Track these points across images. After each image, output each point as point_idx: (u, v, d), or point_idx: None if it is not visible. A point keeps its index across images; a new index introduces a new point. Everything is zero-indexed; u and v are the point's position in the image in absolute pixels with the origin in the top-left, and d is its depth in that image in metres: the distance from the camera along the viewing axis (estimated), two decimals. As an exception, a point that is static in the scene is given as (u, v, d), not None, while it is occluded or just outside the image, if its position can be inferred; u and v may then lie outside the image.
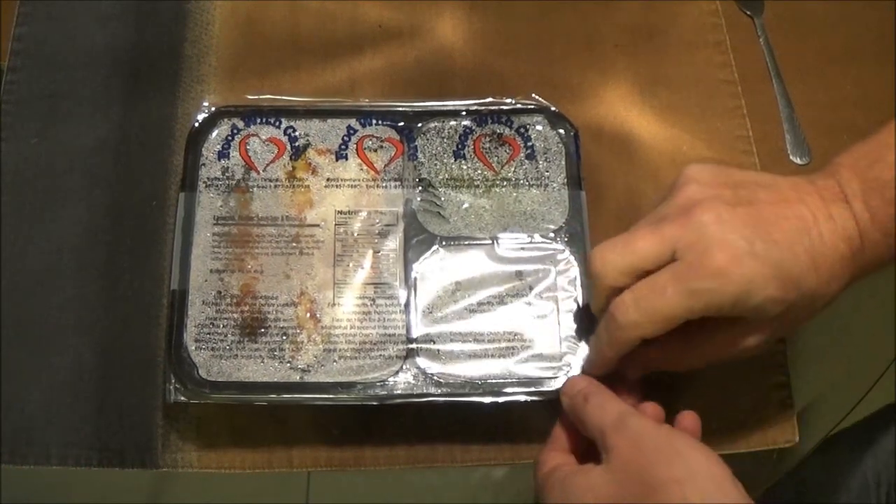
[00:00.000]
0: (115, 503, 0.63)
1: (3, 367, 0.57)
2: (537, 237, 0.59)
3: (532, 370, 0.55)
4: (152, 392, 0.57)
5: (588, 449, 0.51)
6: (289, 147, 0.61)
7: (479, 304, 0.57)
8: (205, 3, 0.68)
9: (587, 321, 0.56)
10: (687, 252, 0.46)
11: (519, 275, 0.58)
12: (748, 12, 0.71)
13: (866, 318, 0.65)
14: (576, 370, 0.55)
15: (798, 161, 0.65)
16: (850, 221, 0.47)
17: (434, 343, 0.56)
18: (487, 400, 0.55)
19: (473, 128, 0.62)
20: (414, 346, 0.56)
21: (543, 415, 0.55)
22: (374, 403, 0.55)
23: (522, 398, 0.55)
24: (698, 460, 0.44)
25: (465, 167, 0.61)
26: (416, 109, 0.63)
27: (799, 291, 0.46)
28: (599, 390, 0.50)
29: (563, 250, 0.59)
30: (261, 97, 0.64)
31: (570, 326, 0.56)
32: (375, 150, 0.61)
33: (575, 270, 0.58)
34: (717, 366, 0.59)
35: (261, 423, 0.57)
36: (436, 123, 0.62)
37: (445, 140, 0.62)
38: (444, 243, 0.59)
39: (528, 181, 0.61)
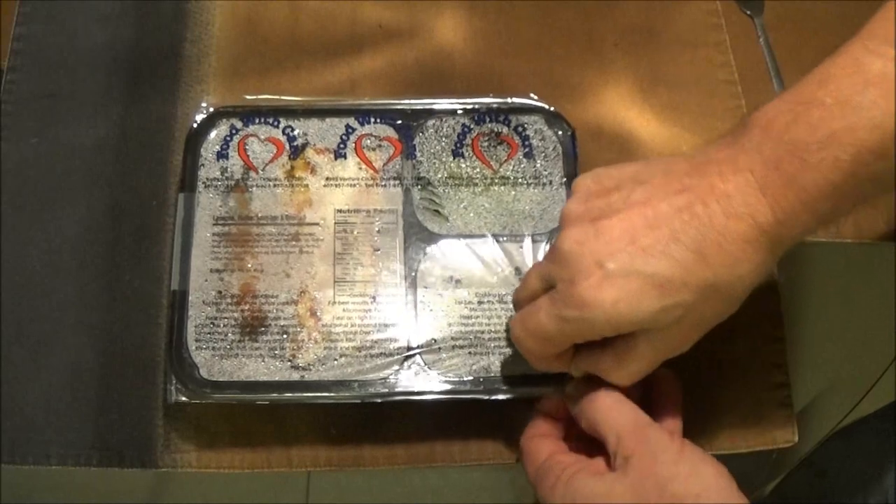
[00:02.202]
0: (115, 503, 0.64)
1: (3, 367, 0.57)
2: (536, 236, 0.59)
3: (532, 367, 0.55)
4: (152, 392, 0.58)
5: (574, 434, 0.52)
6: (287, 146, 0.61)
7: (479, 301, 0.57)
8: (205, 2, 0.68)
9: None
10: (558, 282, 0.47)
11: (518, 273, 0.58)
12: (748, 12, 0.71)
13: (866, 318, 0.65)
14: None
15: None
16: (752, 196, 0.43)
17: (434, 341, 0.56)
18: (488, 397, 0.55)
19: (472, 126, 0.62)
20: (414, 343, 0.56)
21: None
22: (377, 401, 0.55)
23: (523, 395, 0.55)
24: (710, 474, 0.45)
25: (463, 165, 0.61)
26: (415, 108, 0.63)
27: (693, 289, 0.44)
28: (612, 390, 0.50)
29: None
30: (259, 97, 0.64)
31: None
32: (374, 149, 0.61)
33: None
34: (715, 366, 0.59)
35: (260, 422, 0.57)
36: (434, 122, 0.62)
37: (444, 138, 0.62)
38: (443, 241, 0.59)
39: (526, 180, 0.61)
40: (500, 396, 0.55)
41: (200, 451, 0.57)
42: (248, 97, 0.64)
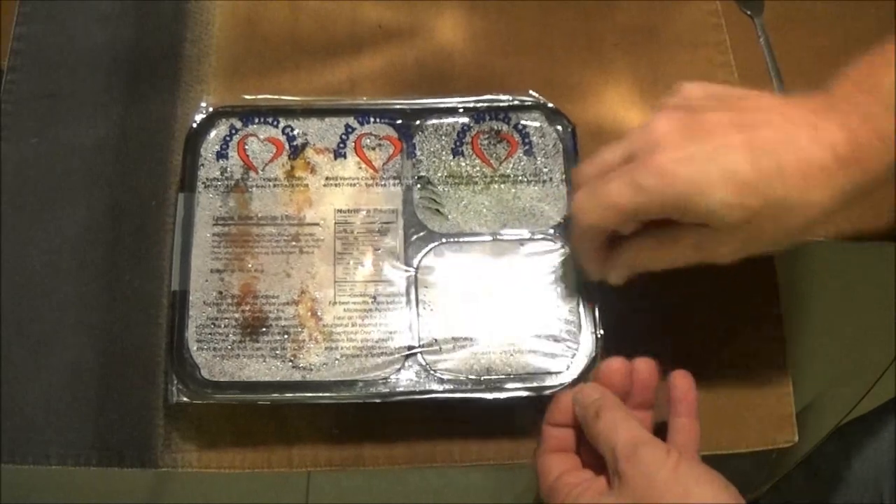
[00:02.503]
0: (115, 503, 0.64)
1: (3, 367, 0.57)
2: (536, 233, 0.59)
3: (533, 365, 0.55)
4: (152, 392, 0.58)
5: (586, 443, 0.51)
6: (287, 146, 0.61)
7: (480, 300, 0.57)
8: (205, 2, 0.68)
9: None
10: (638, 153, 0.48)
11: (518, 271, 0.58)
12: (748, 12, 0.71)
13: (866, 318, 0.65)
14: (579, 366, 0.55)
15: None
16: (837, 130, 0.46)
17: (435, 340, 0.56)
18: (489, 396, 0.55)
19: (471, 125, 0.62)
20: (415, 343, 0.56)
21: (543, 412, 0.55)
22: (377, 401, 0.55)
23: (524, 393, 0.55)
24: (707, 495, 0.45)
25: (463, 164, 0.61)
26: (414, 107, 0.63)
27: (764, 198, 0.45)
28: (611, 405, 0.50)
29: (562, 246, 0.59)
30: (258, 97, 0.64)
31: (569, 321, 0.56)
32: (374, 149, 0.61)
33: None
34: (716, 365, 0.59)
35: (261, 422, 0.57)
36: (433, 121, 0.62)
37: (443, 137, 0.62)
38: (443, 240, 0.59)
39: (526, 177, 0.61)
40: (502, 395, 0.55)
41: (201, 451, 0.57)
42: (247, 97, 0.64)
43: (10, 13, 0.67)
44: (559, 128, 0.62)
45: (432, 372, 0.55)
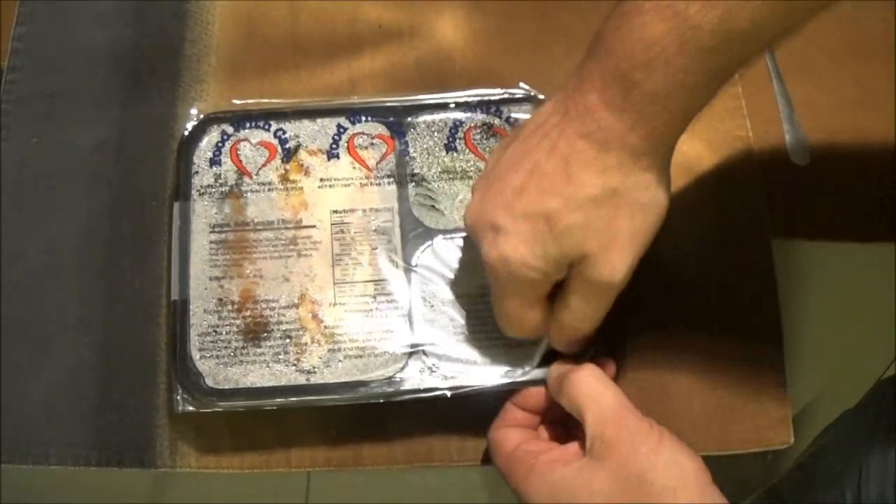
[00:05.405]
0: (115, 503, 0.64)
1: (3, 367, 0.57)
2: None
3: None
4: (152, 392, 0.58)
5: (548, 421, 0.52)
6: (280, 150, 0.61)
7: (480, 294, 0.57)
8: (205, 2, 0.68)
9: None
10: None
11: None
12: (749, 11, 0.70)
13: (866, 319, 0.65)
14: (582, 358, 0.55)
15: (798, 162, 0.65)
16: (598, 111, 0.44)
17: (438, 337, 0.56)
18: (495, 390, 0.55)
19: (463, 120, 0.62)
20: (418, 340, 0.56)
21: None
22: (382, 401, 0.55)
23: (528, 385, 0.54)
24: (690, 468, 0.45)
25: (457, 159, 0.61)
26: (405, 104, 0.63)
27: (576, 208, 0.45)
28: (595, 369, 0.50)
29: None
30: (247, 101, 0.64)
31: None
32: (367, 148, 0.61)
33: None
34: (713, 366, 0.59)
35: (260, 423, 0.57)
36: (425, 117, 0.62)
37: (436, 134, 0.62)
38: (441, 236, 0.59)
39: None
40: (506, 387, 0.55)
41: (200, 452, 0.57)
42: (236, 101, 0.64)
43: (10, 13, 0.67)
44: None
45: (435, 369, 0.55)
